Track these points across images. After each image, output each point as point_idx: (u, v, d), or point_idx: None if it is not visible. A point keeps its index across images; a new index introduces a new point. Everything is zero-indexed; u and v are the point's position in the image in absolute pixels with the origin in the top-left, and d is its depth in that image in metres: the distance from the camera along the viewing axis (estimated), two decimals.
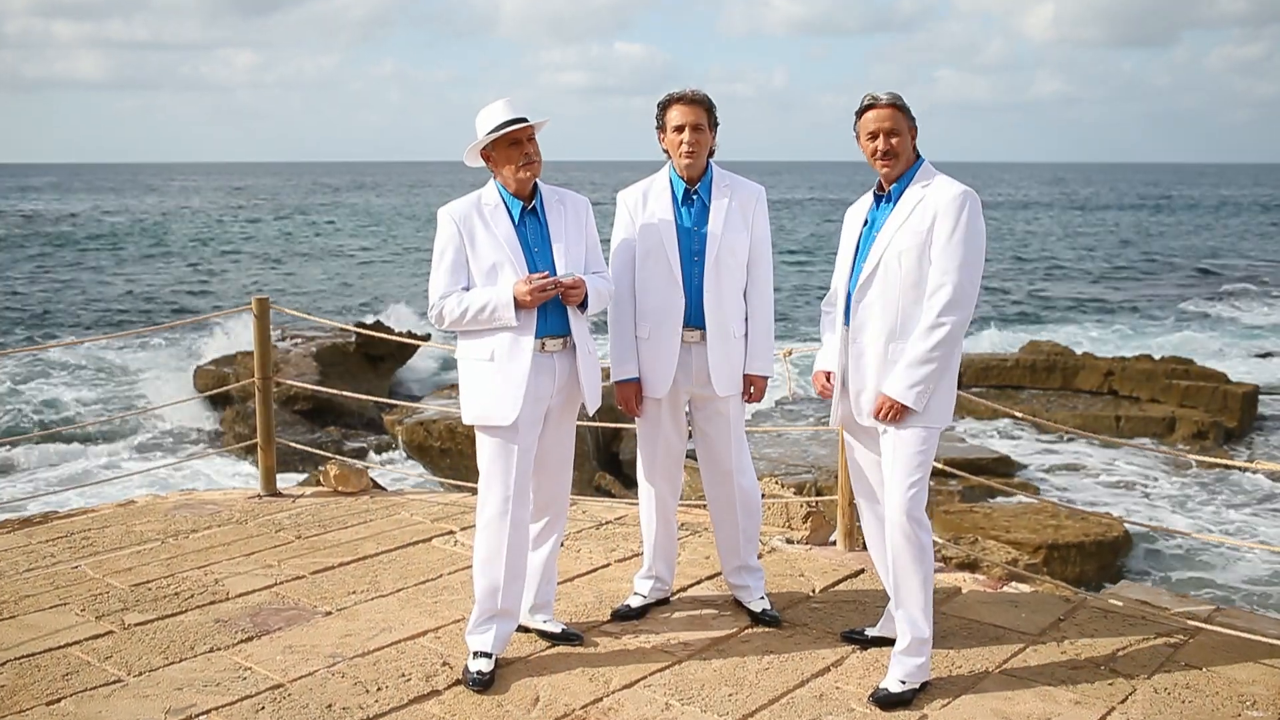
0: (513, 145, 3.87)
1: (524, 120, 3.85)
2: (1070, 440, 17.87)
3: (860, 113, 3.83)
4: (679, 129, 4.15)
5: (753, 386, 4.31)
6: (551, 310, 3.91)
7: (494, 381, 3.86)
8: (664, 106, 4.20)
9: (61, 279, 40.69)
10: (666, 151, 4.24)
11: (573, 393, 4.02)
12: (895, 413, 3.71)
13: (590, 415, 4.13)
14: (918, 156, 3.83)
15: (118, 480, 13.50)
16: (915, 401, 3.68)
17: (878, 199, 3.88)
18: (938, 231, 3.67)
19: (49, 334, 29.40)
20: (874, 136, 3.78)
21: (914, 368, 3.67)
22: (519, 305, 3.81)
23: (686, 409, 4.40)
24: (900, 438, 3.73)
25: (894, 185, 3.81)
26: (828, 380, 4.01)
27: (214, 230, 63.06)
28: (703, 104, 4.16)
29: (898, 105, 3.78)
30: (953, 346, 3.69)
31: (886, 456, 3.78)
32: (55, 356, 24.36)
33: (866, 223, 3.90)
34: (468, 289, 3.90)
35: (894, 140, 3.75)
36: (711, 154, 4.26)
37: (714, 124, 4.21)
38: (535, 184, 3.98)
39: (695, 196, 4.22)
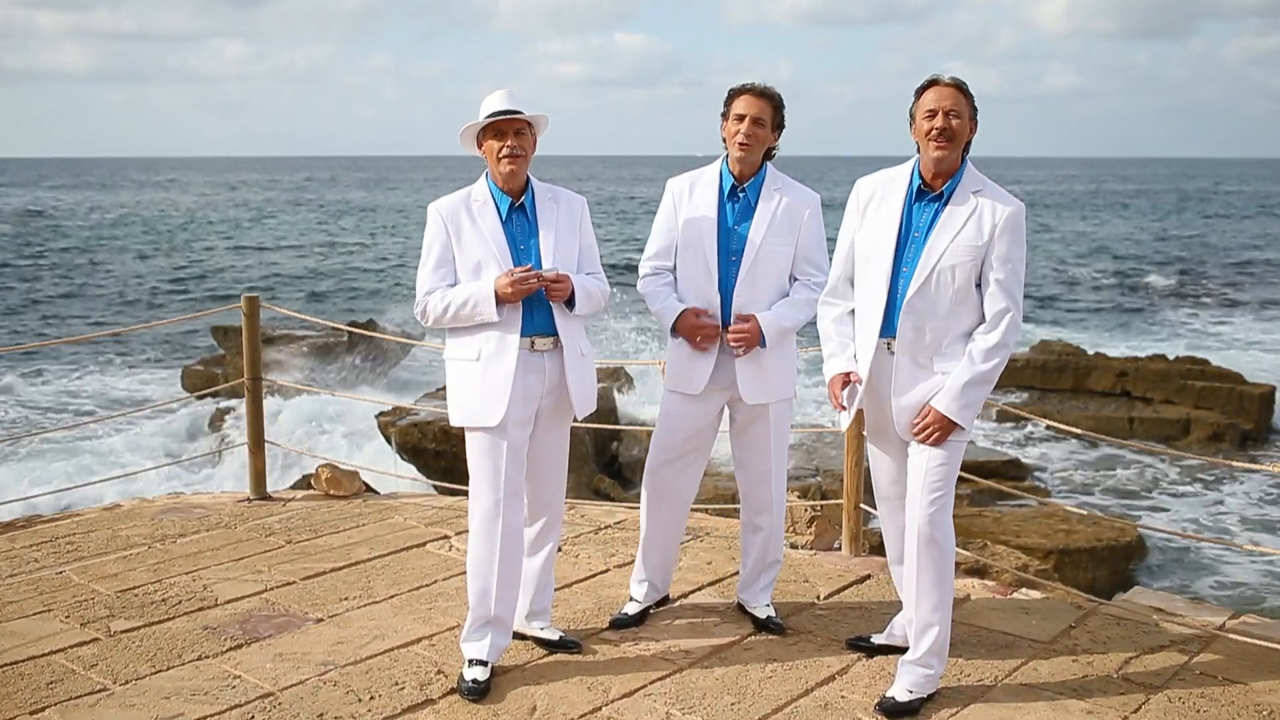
0: (498, 136, 3.87)
1: (515, 112, 3.86)
2: (1082, 443, 17.86)
3: (920, 91, 3.72)
4: (740, 118, 4.12)
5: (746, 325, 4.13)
6: (539, 308, 3.90)
7: (480, 381, 3.87)
8: (733, 94, 4.18)
9: (44, 276, 40.68)
10: (724, 141, 4.22)
11: (566, 394, 4.02)
12: (944, 431, 3.66)
13: (580, 419, 4.11)
14: (964, 157, 3.72)
15: (103, 483, 13.45)
16: (967, 421, 3.66)
17: (920, 194, 3.73)
18: (999, 248, 3.61)
19: (31, 332, 29.40)
20: (933, 115, 3.64)
21: (973, 388, 3.63)
22: (500, 300, 3.81)
23: (722, 410, 4.34)
24: (931, 453, 3.69)
25: (946, 185, 3.68)
26: (845, 384, 3.84)
27: (202, 226, 63.06)
28: (771, 100, 4.14)
29: (962, 88, 3.67)
30: (1004, 366, 3.70)
31: (916, 466, 3.73)
32: (38, 356, 24.37)
33: (903, 220, 3.73)
34: (454, 286, 3.90)
35: (955, 121, 3.62)
36: (771, 157, 4.23)
37: (778, 124, 4.18)
38: (529, 180, 3.98)
39: (742, 194, 4.18)
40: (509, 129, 3.87)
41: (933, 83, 3.70)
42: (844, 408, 3.89)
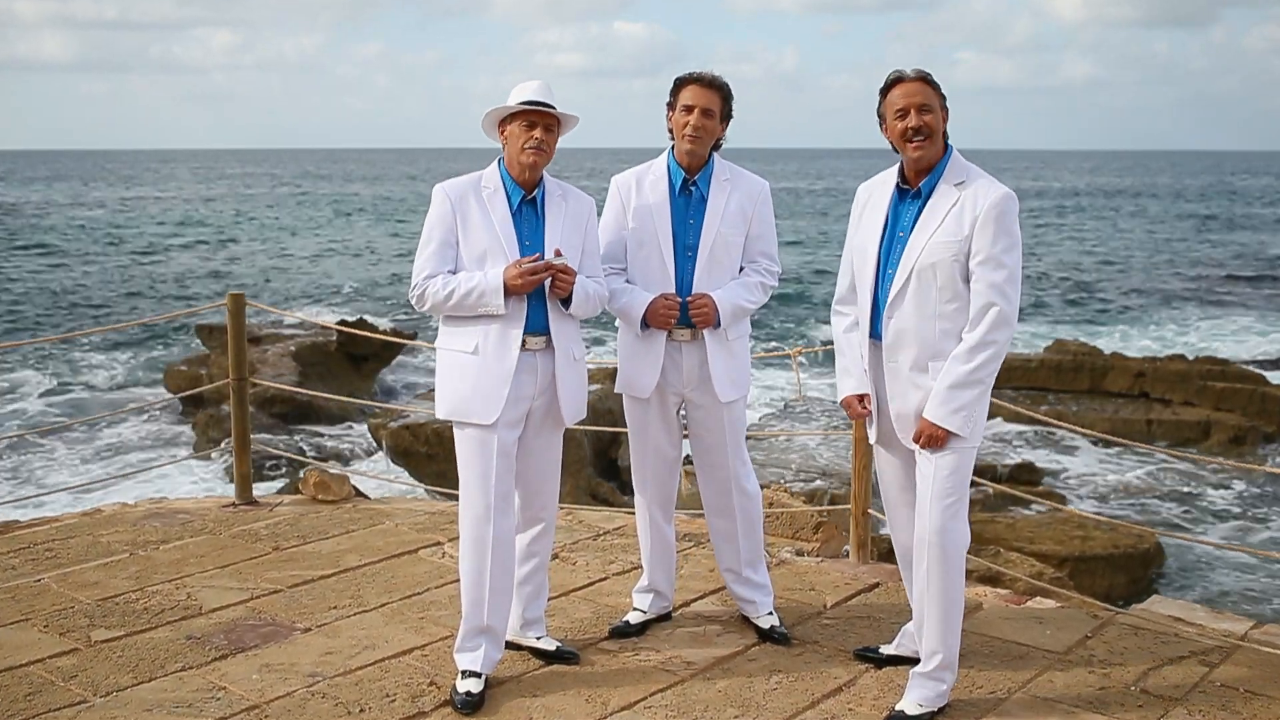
0: (528, 126, 3.89)
1: (551, 107, 3.88)
2: (1098, 446, 17.86)
3: (885, 90, 3.70)
4: (688, 109, 4.14)
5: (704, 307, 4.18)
6: (534, 306, 3.91)
7: (475, 375, 3.87)
8: (680, 84, 4.20)
9: (26, 273, 40.70)
10: (671, 133, 4.24)
11: (557, 398, 4.01)
12: (938, 439, 3.63)
13: (568, 424, 4.11)
14: (946, 146, 3.71)
15: (83, 487, 13.50)
16: (960, 426, 3.59)
17: (902, 192, 3.76)
18: (979, 241, 3.56)
19: (11, 331, 29.41)
20: (903, 114, 3.63)
21: (959, 390, 3.58)
22: (509, 291, 3.81)
23: (680, 411, 4.39)
24: (938, 459, 3.66)
25: (924, 181, 3.68)
26: (861, 403, 3.90)
27: (187, 222, 63.06)
28: (720, 91, 4.16)
29: (928, 80, 3.65)
30: (998, 365, 3.62)
31: (924, 476, 3.71)
32: (18, 356, 24.38)
33: (888, 220, 3.76)
34: (454, 272, 3.90)
35: (927, 117, 3.61)
36: (718, 147, 4.26)
37: (726, 115, 4.20)
38: (541, 177, 3.99)
39: (693, 188, 4.21)
40: (540, 122, 3.89)
41: (898, 80, 3.68)
42: (866, 414, 3.91)
